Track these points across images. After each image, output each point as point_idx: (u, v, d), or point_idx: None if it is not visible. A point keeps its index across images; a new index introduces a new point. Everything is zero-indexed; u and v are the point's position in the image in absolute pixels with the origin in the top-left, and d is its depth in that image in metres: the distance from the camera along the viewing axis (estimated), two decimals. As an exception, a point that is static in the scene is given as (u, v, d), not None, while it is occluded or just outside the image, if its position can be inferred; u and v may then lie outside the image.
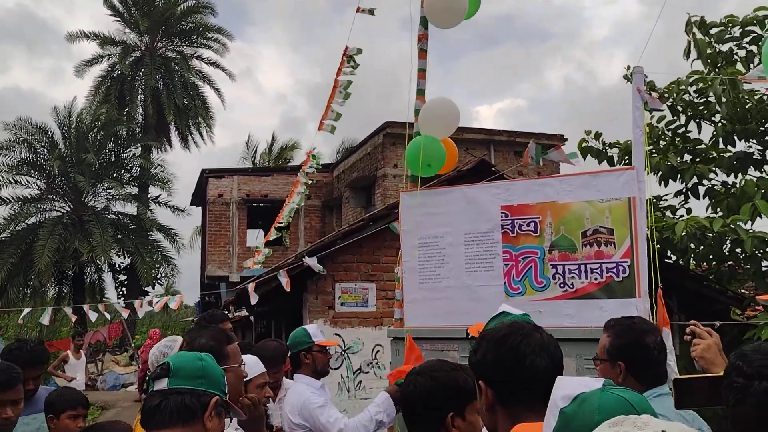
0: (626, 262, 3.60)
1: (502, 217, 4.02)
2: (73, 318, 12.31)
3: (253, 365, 3.12)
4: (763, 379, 1.41)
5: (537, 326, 1.81)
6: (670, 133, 8.90)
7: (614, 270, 3.63)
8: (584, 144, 9.04)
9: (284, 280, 7.85)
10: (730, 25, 8.23)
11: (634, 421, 1.09)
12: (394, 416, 3.47)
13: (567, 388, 1.34)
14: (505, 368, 1.66)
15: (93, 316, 10.83)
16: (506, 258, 3.99)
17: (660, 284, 3.54)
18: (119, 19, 27.07)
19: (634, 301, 3.53)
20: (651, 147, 8.74)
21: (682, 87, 8.53)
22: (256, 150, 30.35)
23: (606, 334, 2.42)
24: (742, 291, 9.72)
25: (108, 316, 11.90)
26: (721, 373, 1.87)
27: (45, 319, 10.35)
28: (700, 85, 8.44)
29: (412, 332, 4.19)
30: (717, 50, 8.38)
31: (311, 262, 7.05)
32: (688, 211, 8.92)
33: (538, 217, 3.90)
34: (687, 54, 8.56)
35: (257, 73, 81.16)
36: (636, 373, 2.31)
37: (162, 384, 1.86)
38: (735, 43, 8.37)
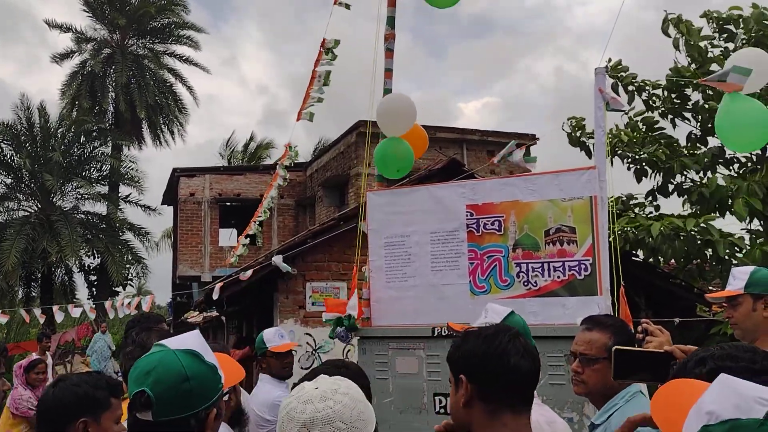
0: (588, 260, 3.64)
1: (467, 216, 4.04)
2: (42, 318, 12.13)
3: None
4: None
5: (518, 332, 1.84)
6: (644, 127, 8.95)
7: (576, 268, 3.66)
8: (565, 129, 9.12)
9: (245, 274, 7.83)
10: (706, 19, 8.34)
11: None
12: None
13: (719, 402, 1.02)
14: (492, 366, 1.69)
15: (60, 317, 10.68)
16: (471, 257, 4.01)
17: (623, 282, 3.58)
18: (92, 15, 26.67)
19: (595, 298, 3.57)
20: (625, 141, 8.77)
21: (659, 81, 8.62)
22: (233, 149, 30.08)
23: (599, 331, 2.26)
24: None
25: (75, 312, 11.66)
26: (661, 350, 1.93)
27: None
28: (682, 81, 8.52)
29: (378, 331, 4.18)
30: (695, 45, 8.48)
31: (278, 261, 7.01)
32: (656, 208, 9.01)
33: (503, 216, 3.92)
34: (677, 47, 8.63)
35: (239, 66, 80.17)
36: None
37: (147, 416, 1.63)
38: (709, 41, 8.49)
